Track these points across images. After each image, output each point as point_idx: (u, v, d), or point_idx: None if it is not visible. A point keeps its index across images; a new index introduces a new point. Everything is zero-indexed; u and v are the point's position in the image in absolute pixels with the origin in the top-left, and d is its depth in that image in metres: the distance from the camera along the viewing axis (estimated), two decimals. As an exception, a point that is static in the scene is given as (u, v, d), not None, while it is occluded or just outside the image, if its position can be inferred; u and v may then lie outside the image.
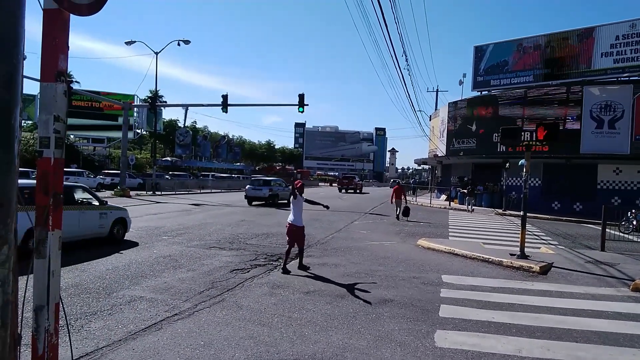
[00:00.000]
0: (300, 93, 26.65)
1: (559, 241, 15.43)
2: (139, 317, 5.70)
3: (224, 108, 28.63)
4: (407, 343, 5.18)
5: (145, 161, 54.91)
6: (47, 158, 2.50)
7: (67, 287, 6.79)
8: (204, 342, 4.98)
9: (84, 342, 4.84)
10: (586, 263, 10.76)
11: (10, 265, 1.94)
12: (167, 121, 64.23)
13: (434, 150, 39.98)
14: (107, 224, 11.23)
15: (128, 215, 12.04)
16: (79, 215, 10.45)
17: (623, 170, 25.89)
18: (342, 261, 10.01)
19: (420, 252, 11.70)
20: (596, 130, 25.61)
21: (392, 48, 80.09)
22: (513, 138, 11.77)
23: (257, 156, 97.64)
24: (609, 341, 5.51)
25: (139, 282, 7.48)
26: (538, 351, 5.07)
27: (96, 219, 10.96)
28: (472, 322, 6.03)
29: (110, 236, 11.27)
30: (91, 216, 10.84)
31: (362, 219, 20.21)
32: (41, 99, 2.52)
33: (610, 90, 25.72)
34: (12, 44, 1.78)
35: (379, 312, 6.35)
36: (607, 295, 7.89)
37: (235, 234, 13.61)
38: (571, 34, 29.53)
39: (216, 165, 70.08)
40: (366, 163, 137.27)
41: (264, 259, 9.95)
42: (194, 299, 6.64)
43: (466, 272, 9.34)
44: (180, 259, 9.44)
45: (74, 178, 31.46)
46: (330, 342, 5.09)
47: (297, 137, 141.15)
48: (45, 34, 2.48)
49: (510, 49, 32.54)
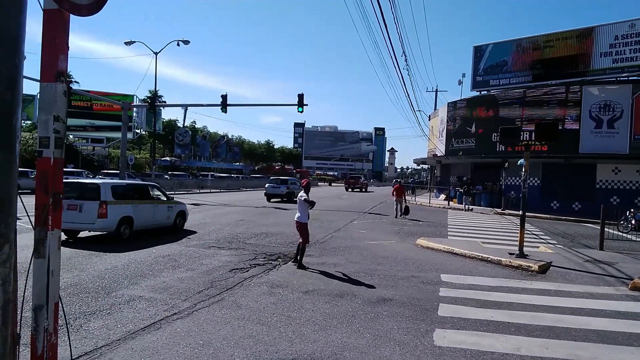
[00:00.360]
0: (300, 93, 26.63)
1: (558, 240, 15.45)
2: (138, 317, 5.71)
3: (223, 108, 28.57)
4: (406, 342, 5.19)
5: (145, 161, 54.88)
6: (47, 158, 2.51)
7: (67, 287, 6.79)
8: (203, 341, 4.99)
9: (83, 341, 4.85)
10: (585, 262, 10.78)
11: (11, 264, 1.95)
12: (166, 121, 64.18)
13: (433, 150, 39.99)
14: (172, 215, 13.54)
15: (187, 209, 14.38)
16: (154, 208, 12.80)
17: (622, 169, 25.92)
18: (341, 260, 10.02)
19: (419, 252, 11.72)
20: (595, 130, 25.64)
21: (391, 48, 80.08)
22: (512, 138, 11.80)
23: (256, 156, 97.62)
24: (607, 340, 5.53)
25: (138, 281, 7.48)
26: (537, 350, 5.09)
27: (165, 212, 13.27)
28: (471, 321, 6.05)
29: (174, 226, 13.54)
30: (162, 209, 13.18)
31: (361, 219, 20.22)
32: (41, 99, 2.53)
33: (610, 90, 25.75)
34: (13, 44, 1.79)
35: (378, 311, 6.36)
36: (605, 294, 7.91)
37: (234, 233, 13.62)
38: (570, 34, 29.54)
39: (215, 165, 70.07)
40: (365, 163, 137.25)
41: (263, 258, 9.96)
42: (193, 298, 6.65)
43: (465, 271, 9.36)
44: (179, 259, 9.45)
45: (74, 177, 31.42)
46: (329, 341, 5.10)
47: (296, 136, 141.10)
48: (45, 34, 2.48)
49: (510, 49, 32.54)
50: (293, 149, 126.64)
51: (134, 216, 11.81)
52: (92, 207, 10.82)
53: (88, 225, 11.03)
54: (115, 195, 11.41)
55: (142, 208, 12.22)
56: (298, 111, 26.89)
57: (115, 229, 11.19)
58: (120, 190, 11.93)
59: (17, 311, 2.51)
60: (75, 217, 10.74)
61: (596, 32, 28.18)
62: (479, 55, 34.29)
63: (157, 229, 12.91)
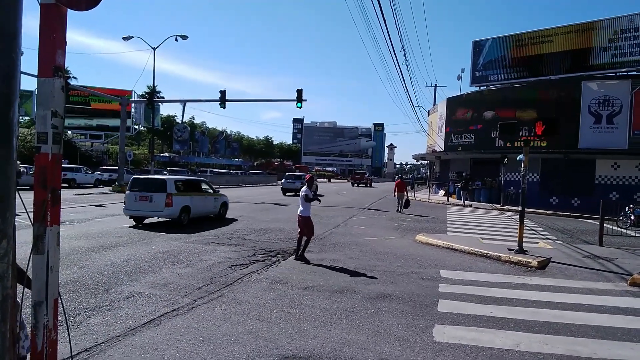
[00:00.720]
0: (299, 88, 26.60)
1: (557, 236, 15.47)
2: (137, 313, 5.71)
3: (222, 104, 28.56)
4: (405, 338, 5.20)
5: (143, 157, 54.74)
6: (45, 153, 2.49)
7: (66, 283, 6.79)
8: (203, 337, 4.99)
9: (83, 337, 4.85)
10: (584, 258, 10.79)
11: (9, 259, 1.94)
12: (165, 117, 64.05)
13: (432, 145, 39.98)
14: (218, 205, 16.15)
15: (228, 200, 17.14)
16: (205, 200, 15.43)
17: (621, 165, 25.93)
18: (341, 257, 10.03)
19: (418, 248, 11.72)
20: (594, 126, 25.62)
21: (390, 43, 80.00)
22: (511, 133, 11.78)
23: (255, 152, 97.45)
24: (606, 335, 5.54)
25: (137, 277, 7.48)
26: (536, 345, 5.09)
27: (212, 202, 15.89)
28: (471, 316, 6.05)
29: (219, 214, 16.19)
30: (210, 200, 15.78)
31: (360, 215, 20.22)
32: (39, 94, 2.51)
33: (609, 85, 25.72)
34: (10, 38, 1.77)
35: (378, 307, 6.37)
36: (605, 289, 7.93)
37: (234, 229, 13.62)
38: (569, 29, 29.49)
39: (214, 161, 69.98)
40: (364, 158, 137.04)
41: (262, 254, 9.95)
42: (193, 294, 6.65)
43: (464, 267, 9.37)
44: (179, 255, 9.44)
45: (72, 174, 31.44)
46: (329, 337, 5.10)
47: (295, 132, 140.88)
48: (43, 29, 2.46)
49: (509, 44, 32.49)
50: (292, 144, 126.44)
51: (191, 205, 14.38)
52: (160, 198, 13.48)
53: (157, 213, 13.69)
54: (177, 189, 14.01)
55: (196, 199, 14.88)
56: (297, 107, 26.89)
57: (178, 216, 13.77)
58: (180, 184, 14.52)
59: (16, 307, 2.50)
60: (146, 207, 13.57)
61: (595, 27, 28.13)
62: (478, 50, 34.23)
63: (206, 216, 15.69)
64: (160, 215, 13.74)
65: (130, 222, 14.07)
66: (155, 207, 13.52)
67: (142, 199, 13.57)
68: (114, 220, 14.74)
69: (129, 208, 13.79)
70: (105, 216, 15.70)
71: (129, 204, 13.78)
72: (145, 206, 13.55)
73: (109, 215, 16.10)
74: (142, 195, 13.59)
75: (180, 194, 14.05)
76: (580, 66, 28.74)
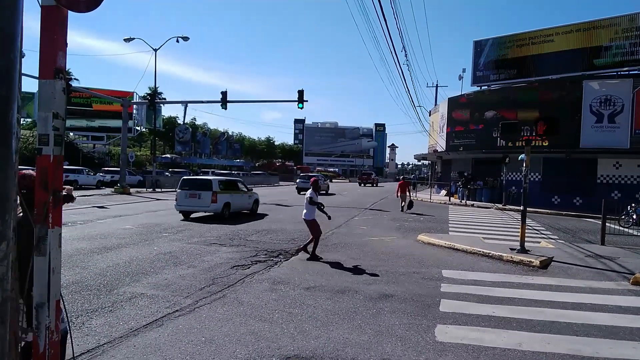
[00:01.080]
0: (300, 89, 26.63)
1: (559, 235, 15.44)
2: (139, 314, 5.71)
3: (224, 105, 28.59)
4: (407, 338, 5.19)
5: (145, 158, 54.83)
6: (47, 155, 2.49)
7: (69, 285, 6.80)
8: (205, 338, 4.99)
9: (85, 338, 4.86)
10: (586, 257, 10.77)
11: (8, 262, 1.94)
12: (166, 118, 64.06)
13: (433, 145, 39.95)
14: (251, 202, 18.46)
15: (259, 197, 19.49)
16: (241, 197, 17.76)
17: (623, 164, 25.87)
18: (343, 257, 10.03)
19: (420, 247, 11.71)
20: (596, 125, 25.56)
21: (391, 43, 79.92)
22: (512, 133, 11.77)
23: (256, 152, 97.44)
24: (609, 335, 5.52)
25: (139, 278, 7.49)
26: (538, 345, 5.08)
27: (247, 199, 18.26)
28: (473, 316, 6.04)
29: (252, 210, 18.45)
30: (245, 198, 18.15)
31: (362, 215, 20.22)
32: (40, 96, 2.51)
33: (610, 85, 25.66)
34: (9, 38, 1.77)
35: (380, 307, 6.36)
36: (607, 289, 7.91)
37: (236, 230, 13.62)
38: (571, 28, 29.43)
39: (216, 162, 70.00)
40: (366, 159, 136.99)
41: (264, 255, 9.96)
42: (195, 295, 6.65)
43: (466, 267, 9.35)
44: (181, 256, 9.45)
45: (74, 175, 31.50)
46: (331, 338, 5.10)
47: (296, 133, 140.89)
48: (44, 31, 2.46)
49: (510, 43, 32.44)
50: (294, 145, 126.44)
51: (231, 202, 16.67)
52: (207, 196, 15.76)
53: (204, 208, 16.01)
54: (220, 187, 16.33)
55: (235, 196, 17.18)
56: (298, 107, 26.91)
57: (221, 211, 16.00)
58: (222, 183, 16.94)
59: (17, 310, 2.50)
60: (195, 203, 15.94)
61: (596, 27, 28.08)
62: (479, 50, 34.18)
63: (242, 212, 17.92)
64: (207, 210, 16.01)
65: (130, 224, 14.13)
66: (203, 203, 15.86)
67: (191, 196, 15.97)
68: (116, 221, 14.76)
69: (180, 204, 16.15)
70: (107, 217, 15.72)
71: (180, 200, 16.13)
72: (194, 202, 15.95)
73: (111, 216, 16.12)
74: (192, 193, 16.01)
75: (223, 192, 16.32)
76: (581, 65, 28.68)
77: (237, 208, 17.36)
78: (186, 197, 16.01)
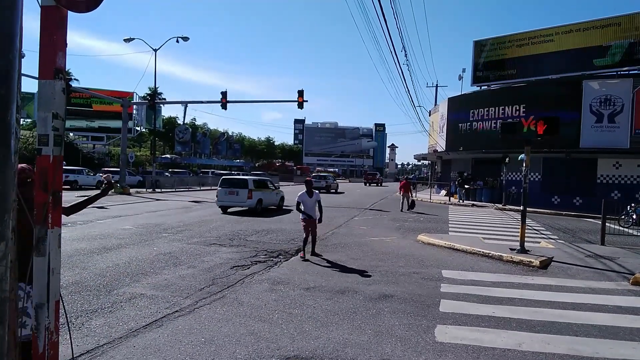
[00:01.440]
0: (300, 89, 26.64)
1: (559, 235, 15.44)
2: (139, 314, 5.71)
3: (224, 105, 28.61)
4: (407, 338, 5.19)
5: (145, 158, 54.81)
6: (46, 156, 2.49)
7: (68, 285, 6.80)
8: (205, 338, 4.99)
9: (85, 339, 4.85)
10: (586, 257, 10.77)
11: (7, 262, 1.93)
12: (166, 118, 64.04)
13: (433, 145, 39.94)
14: (277, 199, 21.14)
15: (284, 194, 22.10)
16: (270, 194, 20.41)
17: (623, 164, 25.86)
18: (343, 257, 10.02)
19: (420, 248, 11.71)
20: (596, 125, 25.55)
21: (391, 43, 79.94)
22: (513, 133, 11.74)
23: (256, 153, 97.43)
24: (609, 335, 5.52)
25: (139, 279, 7.48)
26: (538, 345, 5.08)
27: (275, 196, 20.94)
28: (473, 316, 6.04)
29: (278, 205, 21.16)
30: (273, 195, 20.86)
31: (362, 215, 20.22)
32: (39, 96, 2.51)
33: (610, 84, 25.65)
34: (8, 39, 1.77)
35: (380, 307, 6.36)
36: (607, 289, 7.91)
37: (235, 230, 13.62)
38: (570, 28, 29.43)
39: (216, 162, 70.00)
40: (366, 159, 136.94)
41: (264, 255, 9.95)
42: (195, 295, 6.65)
43: (466, 267, 9.35)
44: (181, 256, 9.45)
45: (74, 175, 31.50)
46: (331, 338, 5.10)
47: (296, 133, 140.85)
48: (43, 31, 2.46)
49: (510, 43, 32.43)
50: (293, 145, 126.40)
51: (263, 198, 19.38)
52: (244, 193, 18.49)
53: (241, 204, 18.72)
54: (254, 185, 19.04)
55: (265, 193, 19.93)
56: (298, 107, 26.92)
57: (254, 206, 18.68)
58: (256, 182, 19.58)
59: (18, 310, 2.50)
60: (233, 199, 18.67)
61: (596, 26, 28.07)
62: (479, 50, 34.18)
63: (270, 207, 20.55)
64: (243, 205, 18.67)
65: (130, 224, 14.18)
66: (240, 200, 18.59)
67: (230, 193, 18.71)
68: (116, 221, 14.76)
69: (221, 200, 18.93)
70: (107, 218, 15.72)
71: (220, 197, 18.93)
72: (232, 199, 18.71)
73: (111, 216, 16.12)
74: (230, 191, 18.75)
75: (256, 190, 19.03)
76: (581, 65, 28.67)
77: (267, 204, 20.11)
78: (225, 194, 18.78)
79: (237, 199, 18.49)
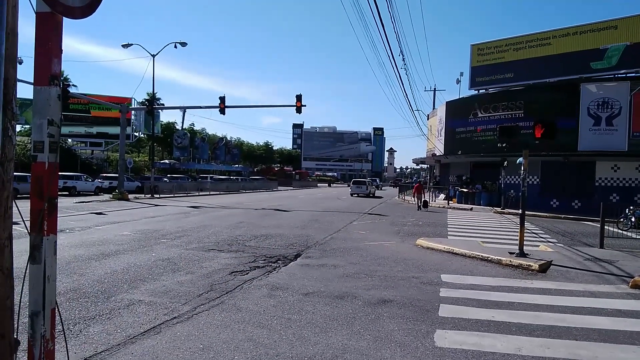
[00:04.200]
0: (298, 94, 26.66)
1: (558, 239, 15.43)
2: (137, 321, 5.68)
3: (222, 110, 28.63)
4: (406, 343, 5.17)
5: (144, 164, 54.72)
6: (42, 162, 2.48)
7: (66, 292, 6.76)
8: (203, 345, 4.96)
9: (82, 346, 4.82)
10: (585, 260, 10.76)
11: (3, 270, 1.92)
12: (164, 124, 64.04)
13: (432, 149, 39.99)
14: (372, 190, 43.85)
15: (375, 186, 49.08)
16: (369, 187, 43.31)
17: (621, 167, 25.92)
18: (341, 262, 10.00)
19: (419, 252, 11.70)
20: (594, 128, 25.61)
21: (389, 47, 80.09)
22: (511, 137, 11.76)
23: (255, 157, 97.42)
24: (608, 338, 5.51)
25: (137, 285, 7.45)
26: (538, 350, 5.06)
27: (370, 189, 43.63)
28: (472, 321, 6.02)
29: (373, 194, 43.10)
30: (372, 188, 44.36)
31: (361, 219, 20.20)
32: (35, 103, 2.50)
33: (608, 88, 25.74)
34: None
35: (379, 312, 6.34)
36: (606, 292, 7.89)
37: (234, 235, 13.59)
38: (567, 31, 29.54)
39: (214, 167, 69.95)
40: (365, 163, 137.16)
41: (263, 260, 9.93)
42: (193, 301, 6.62)
43: (465, 271, 9.34)
44: (179, 262, 9.42)
45: (72, 181, 31.45)
46: (330, 344, 5.08)
47: (295, 137, 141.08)
48: (39, 38, 2.46)
49: (508, 47, 32.53)
50: (292, 150, 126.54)
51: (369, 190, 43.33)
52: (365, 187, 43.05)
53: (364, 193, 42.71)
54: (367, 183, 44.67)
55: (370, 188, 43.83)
56: (296, 112, 26.95)
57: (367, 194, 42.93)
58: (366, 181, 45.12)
59: (13, 317, 2.48)
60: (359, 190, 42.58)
61: (593, 30, 28.17)
62: (477, 53, 34.28)
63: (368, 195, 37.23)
64: (365, 193, 40.81)
65: (128, 230, 14.05)
66: (364, 191, 41.79)
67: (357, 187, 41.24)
68: (114, 227, 14.72)
69: (353, 191, 40.31)
70: (106, 224, 15.68)
71: (353, 189, 40.81)
72: (359, 190, 40.99)
73: (109, 222, 16.08)
74: (357, 186, 41.54)
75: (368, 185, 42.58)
76: (578, 68, 28.74)
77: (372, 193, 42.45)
78: (357, 187, 40.78)
79: (362, 190, 40.86)
